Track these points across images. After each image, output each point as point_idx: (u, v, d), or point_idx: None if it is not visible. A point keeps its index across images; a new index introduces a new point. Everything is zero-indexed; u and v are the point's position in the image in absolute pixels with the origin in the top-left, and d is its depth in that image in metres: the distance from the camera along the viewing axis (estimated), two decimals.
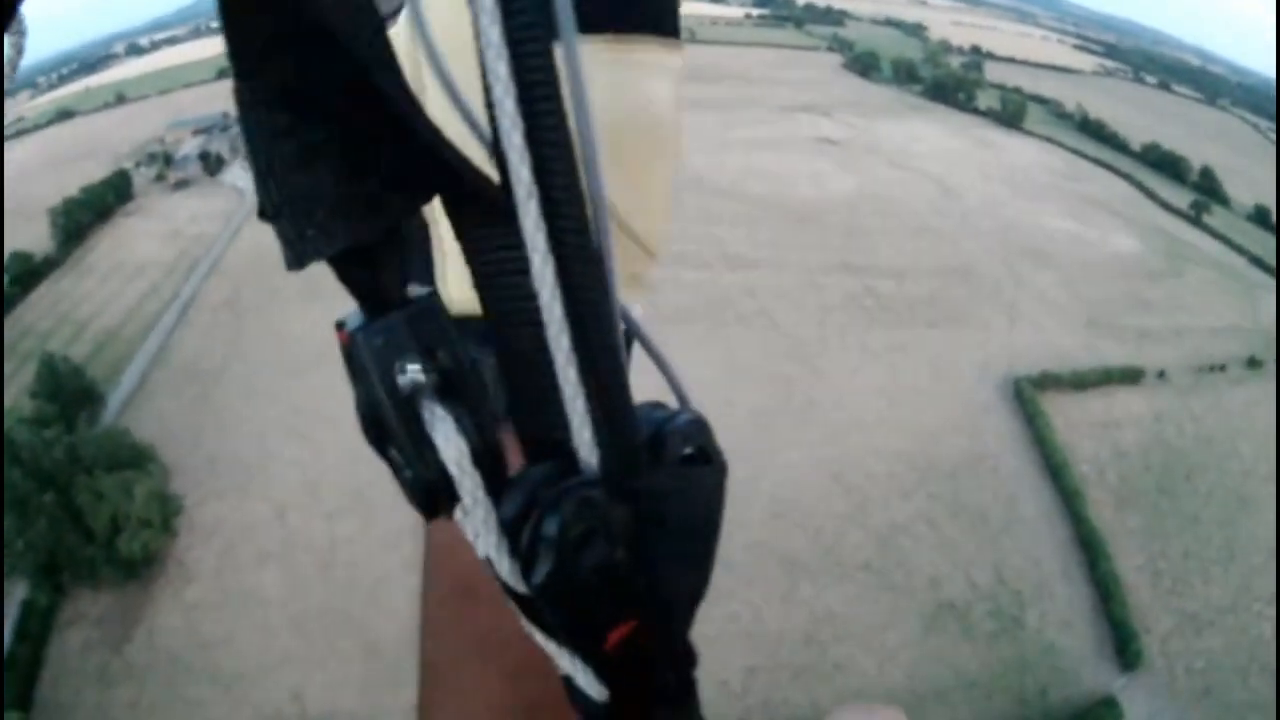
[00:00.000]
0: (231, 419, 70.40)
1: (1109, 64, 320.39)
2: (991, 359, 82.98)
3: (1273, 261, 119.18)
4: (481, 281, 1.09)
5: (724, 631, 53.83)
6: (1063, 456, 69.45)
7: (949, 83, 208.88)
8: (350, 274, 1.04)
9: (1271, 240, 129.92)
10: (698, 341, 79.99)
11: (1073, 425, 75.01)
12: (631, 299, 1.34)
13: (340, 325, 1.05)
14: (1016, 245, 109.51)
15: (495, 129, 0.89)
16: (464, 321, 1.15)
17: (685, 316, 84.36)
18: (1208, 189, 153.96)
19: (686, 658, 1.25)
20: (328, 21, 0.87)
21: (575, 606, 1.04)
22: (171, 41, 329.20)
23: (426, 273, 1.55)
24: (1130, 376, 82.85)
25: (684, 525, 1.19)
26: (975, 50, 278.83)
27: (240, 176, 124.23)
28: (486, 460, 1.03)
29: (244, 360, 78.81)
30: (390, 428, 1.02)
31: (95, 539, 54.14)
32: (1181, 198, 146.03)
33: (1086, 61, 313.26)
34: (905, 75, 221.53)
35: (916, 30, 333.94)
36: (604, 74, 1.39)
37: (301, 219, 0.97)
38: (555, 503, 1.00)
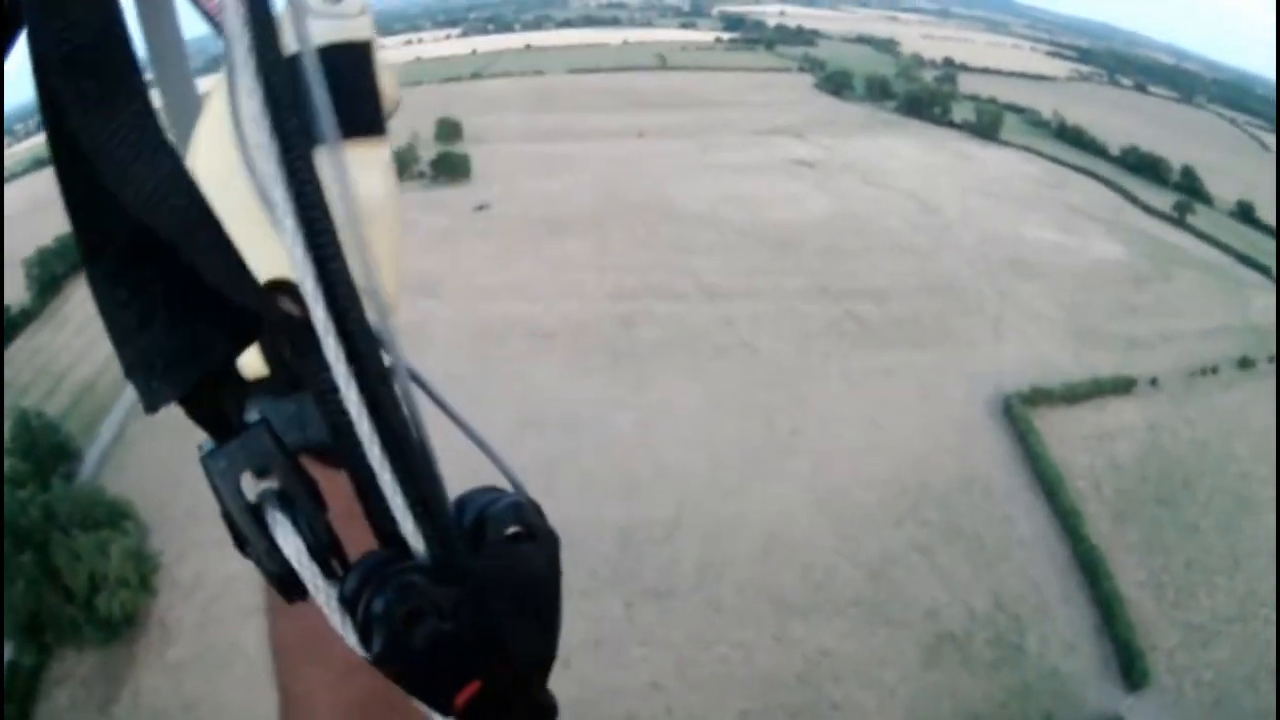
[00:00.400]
0: None
1: (1083, 68, 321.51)
2: (979, 377, 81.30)
3: (1261, 258, 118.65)
4: (314, 398, 1.25)
5: (715, 674, 52.43)
6: (1057, 473, 67.65)
7: (923, 97, 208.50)
8: (193, 410, 1.32)
9: (1258, 236, 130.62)
10: (676, 375, 79.27)
11: (1066, 440, 73.37)
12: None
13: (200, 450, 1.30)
14: (999, 258, 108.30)
15: (293, 264, 1.11)
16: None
17: (661, 351, 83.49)
18: (1190, 189, 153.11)
19: (542, 711, 1.45)
20: (153, 217, 1.09)
21: (415, 673, 1.26)
22: (152, 86, 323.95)
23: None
24: (1122, 386, 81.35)
25: (517, 596, 1.38)
26: (948, 63, 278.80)
27: None
28: (323, 552, 1.26)
29: None
30: (242, 533, 1.27)
31: (75, 599, 53.12)
32: (1164, 199, 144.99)
33: (1061, 68, 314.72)
34: (878, 92, 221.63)
35: (888, 46, 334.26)
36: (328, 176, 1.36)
37: (146, 373, 1.20)
38: (382, 585, 1.23)
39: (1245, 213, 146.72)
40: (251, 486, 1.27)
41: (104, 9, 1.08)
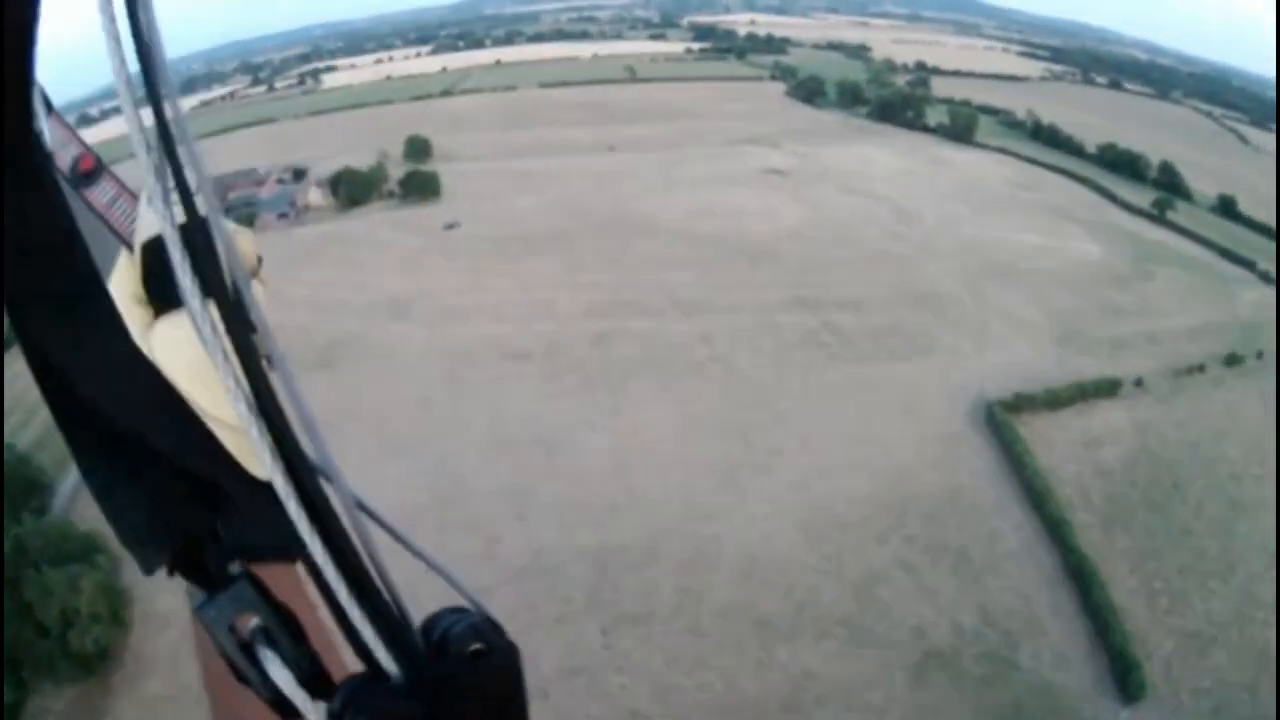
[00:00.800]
0: None
1: (1056, 68, 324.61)
2: (961, 386, 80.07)
3: (1243, 252, 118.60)
4: (290, 549, 1.57)
5: (697, 702, 50.92)
6: (1044, 482, 66.25)
7: (896, 102, 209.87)
8: (182, 570, 1.64)
9: (1241, 231, 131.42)
10: (651, 394, 77.90)
11: (1052, 447, 72.11)
12: (251, 465, 1.73)
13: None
14: (978, 264, 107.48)
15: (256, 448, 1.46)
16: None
17: (636, 369, 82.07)
18: (1169, 185, 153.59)
19: None
20: (123, 413, 1.50)
21: None
22: (115, 113, 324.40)
23: None
24: (1107, 389, 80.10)
25: (480, 707, 1.69)
26: (920, 67, 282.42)
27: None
28: (308, 679, 1.58)
29: None
30: (239, 669, 1.57)
31: (49, 634, 52.89)
32: (1143, 196, 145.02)
33: (1033, 68, 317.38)
34: (851, 98, 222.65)
35: (859, 52, 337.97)
36: (177, 332, 1.67)
37: (137, 547, 1.57)
38: (362, 707, 1.56)
39: (1226, 207, 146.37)
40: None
41: (60, 225, 1.44)
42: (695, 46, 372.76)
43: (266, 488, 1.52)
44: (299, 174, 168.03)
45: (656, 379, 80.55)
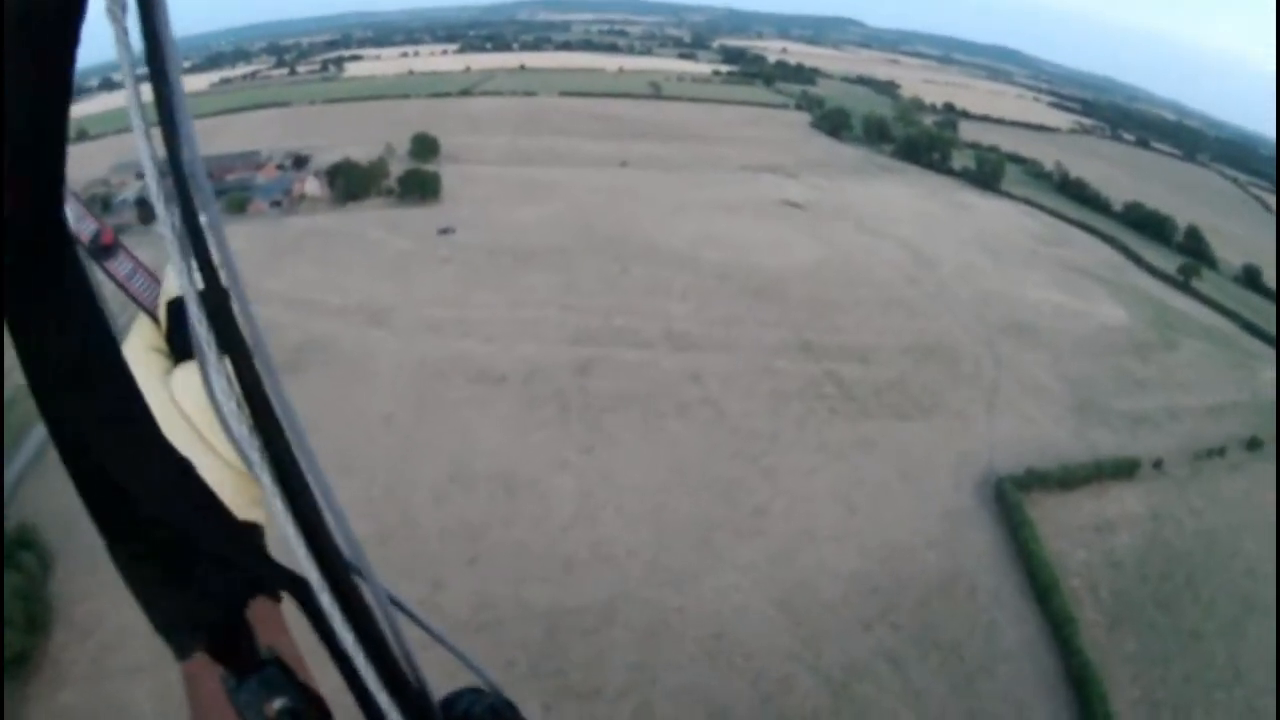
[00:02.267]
0: None
1: (1086, 121, 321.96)
2: (970, 455, 74.68)
3: (1267, 327, 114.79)
4: (321, 638, 1.64)
5: None
6: (1051, 574, 60.79)
7: (922, 141, 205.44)
8: (216, 653, 1.70)
9: (1264, 303, 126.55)
10: (631, 435, 72.61)
11: (1062, 531, 66.71)
12: (250, 511, 1.86)
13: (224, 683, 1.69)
14: (996, 320, 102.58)
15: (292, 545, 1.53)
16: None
17: (618, 406, 76.93)
18: (1194, 250, 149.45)
19: None
20: (164, 509, 1.61)
21: None
22: (144, 79, 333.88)
23: None
24: (1124, 469, 74.94)
25: None
26: (949, 108, 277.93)
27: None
28: None
29: None
30: None
31: None
32: (1168, 260, 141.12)
33: (1063, 119, 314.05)
34: (876, 134, 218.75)
35: (888, 88, 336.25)
36: (194, 380, 1.73)
37: (173, 632, 1.65)
38: None
39: (1251, 278, 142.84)
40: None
41: (92, 327, 1.49)
42: (723, 69, 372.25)
43: (300, 584, 1.64)
44: (300, 161, 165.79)
45: (639, 418, 75.43)
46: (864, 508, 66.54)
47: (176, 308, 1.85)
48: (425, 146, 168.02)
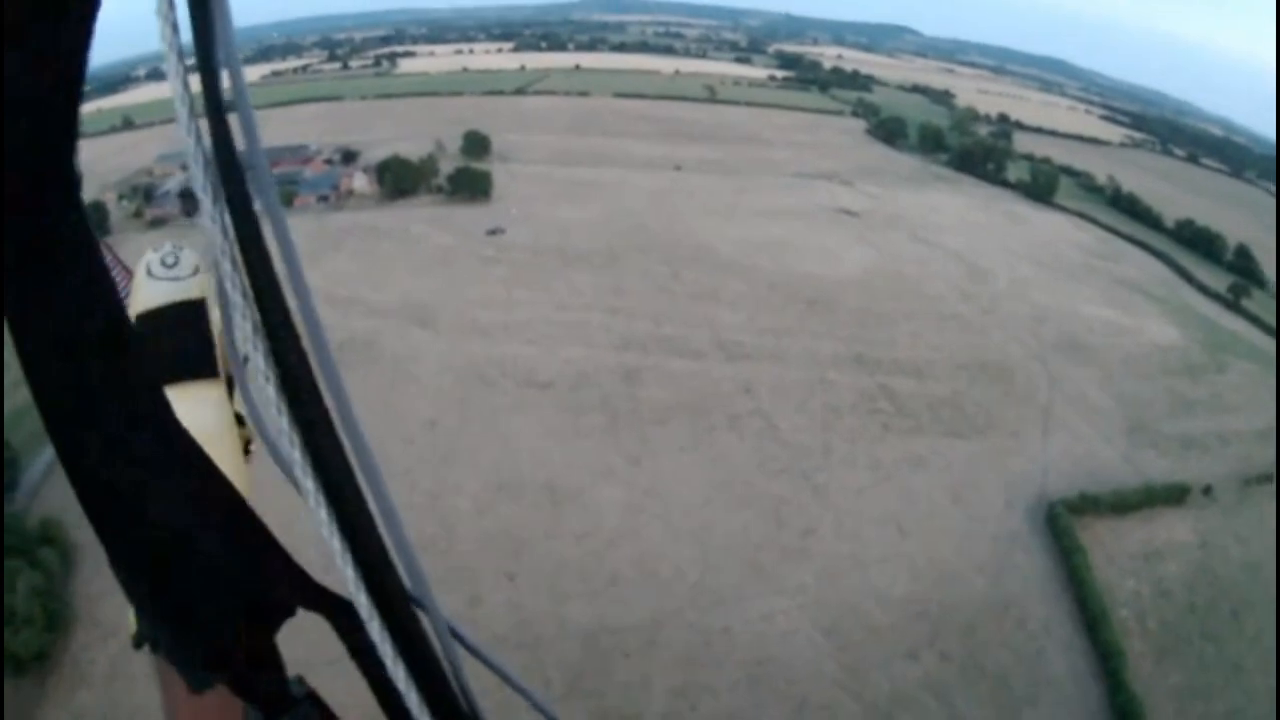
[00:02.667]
0: None
1: (1136, 134, 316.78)
2: (1023, 475, 73.09)
3: None
4: (361, 670, 1.55)
5: None
6: (1101, 604, 59.43)
7: (977, 152, 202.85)
8: (239, 690, 1.54)
9: None
10: (678, 447, 71.18)
11: (1112, 558, 65.26)
12: None
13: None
14: (1051, 336, 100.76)
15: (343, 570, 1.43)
16: None
17: (666, 416, 75.52)
18: (1244, 269, 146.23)
19: None
20: (199, 528, 1.43)
21: None
22: (193, 69, 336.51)
23: None
24: (1174, 495, 73.58)
25: None
26: (1003, 119, 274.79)
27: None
28: None
29: None
30: None
31: None
32: (1218, 278, 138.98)
33: (1114, 132, 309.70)
34: (932, 143, 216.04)
35: (943, 98, 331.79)
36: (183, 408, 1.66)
37: (184, 666, 1.48)
38: None
39: None
40: None
41: (115, 318, 1.35)
42: (779, 74, 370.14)
43: (343, 605, 1.52)
44: (349, 156, 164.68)
45: (688, 430, 73.94)
46: (914, 529, 65.12)
47: (149, 321, 1.93)
48: (477, 144, 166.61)
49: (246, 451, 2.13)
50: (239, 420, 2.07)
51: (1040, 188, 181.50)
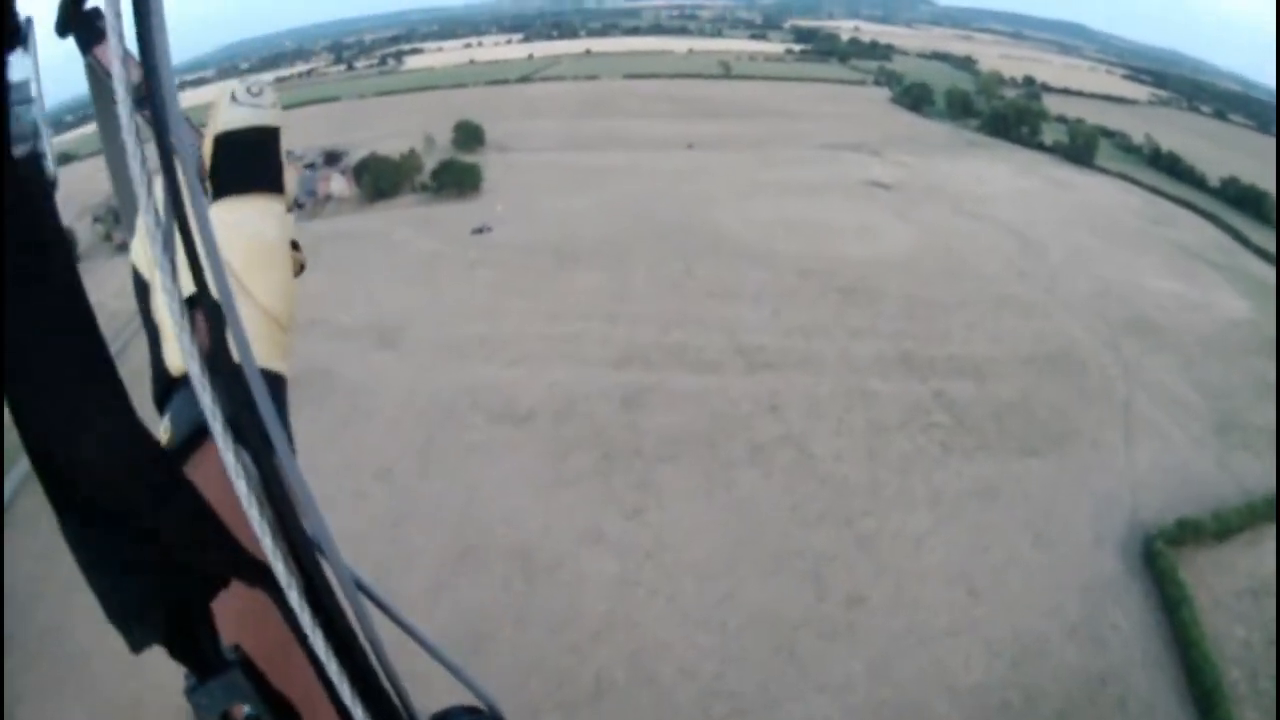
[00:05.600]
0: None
1: (1161, 93, 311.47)
2: (1110, 499, 60.04)
3: None
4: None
5: None
6: (1214, 671, 47.00)
7: (1010, 115, 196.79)
8: (173, 649, 1.52)
9: None
10: (689, 492, 57.85)
11: (1218, 600, 52.47)
12: (275, 362, 1.95)
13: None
14: (1118, 316, 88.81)
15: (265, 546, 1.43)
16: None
17: (675, 450, 62.28)
18: None
19: None
20: (121, 485, 1.39)
21: None
22: (199, 84, 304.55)
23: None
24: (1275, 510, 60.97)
25: None
26: (1029, 81, 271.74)
27: None
28: None
29: None
30: None
31: None
32: (1268, 238, 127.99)
33: (1140, 91, 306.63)
34: (960, 109, 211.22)
35: (966, 64, 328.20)
36: (232, 216, 1.93)
37: (127, 620, 1.45)
38: None
39: None
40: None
41: (61, 263, 1.27)
42: (796, 48, 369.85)
43: (259, 568, 1.49)
44: (333, 158, 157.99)
45: (700, 468, 60.43)
46: (988, 587, 51.34)
47: (227, 139, 1.97)
48: (468, 135, 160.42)
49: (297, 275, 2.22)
50: (294, 246, 2.14)
51: (1079, 150, 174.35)
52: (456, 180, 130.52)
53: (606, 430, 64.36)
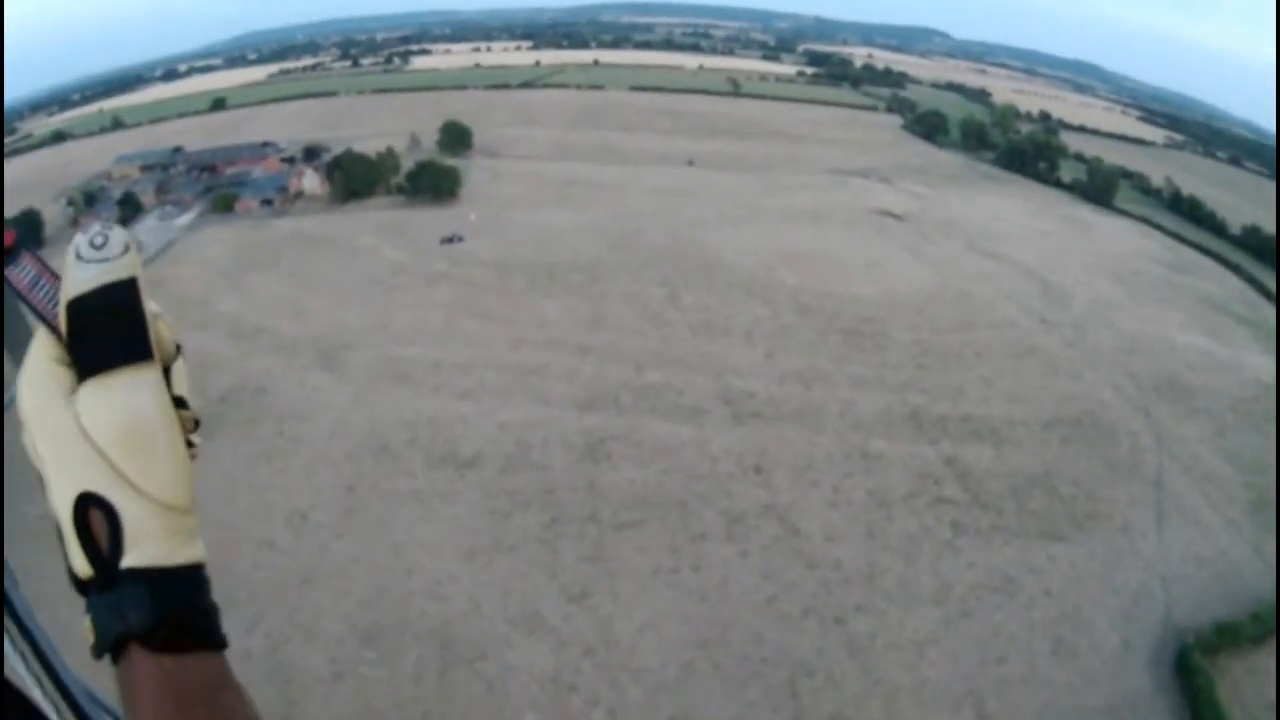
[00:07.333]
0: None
1: (1176, 136, 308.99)
2: (1140, 594, 52.60)
3: None
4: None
5: None
6: None
7: (1027, 149, 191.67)
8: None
9: None
10: (648, 573, 49.73)
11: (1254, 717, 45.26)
12: (178, 554, 1.83)
13: None
14: (1147, 374, 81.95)
15: None
16: None
17: (635, 516, 54.38)
18: None
19: None
20: None
21: None
22: (207, 70, 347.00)
23: None
24: None
25: None
26: (1045, 116, 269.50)
27: (154, 226, 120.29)
28: None
29: None
30: None
31: None
32: None
33: (1155, 134, 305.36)
34: (975, 140, 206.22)
35: (979, 95, 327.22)
36: (101, 399, 1.82)
37: None
38: None
39: None
40: None
41: None
42: (809, 70, 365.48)
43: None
44: (312, 154, 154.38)
45: (664, 540, 52.08)
46: (1002, 709, 43.20)
47: (80, 308, 1.86)
48: (455, 137, 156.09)
49: (190, 437, 2.05)
50: (180, 404, 1.99)
51: (1099, 190, 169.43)
52: (433, 184, 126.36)
53: (561, 486, 56.76)
